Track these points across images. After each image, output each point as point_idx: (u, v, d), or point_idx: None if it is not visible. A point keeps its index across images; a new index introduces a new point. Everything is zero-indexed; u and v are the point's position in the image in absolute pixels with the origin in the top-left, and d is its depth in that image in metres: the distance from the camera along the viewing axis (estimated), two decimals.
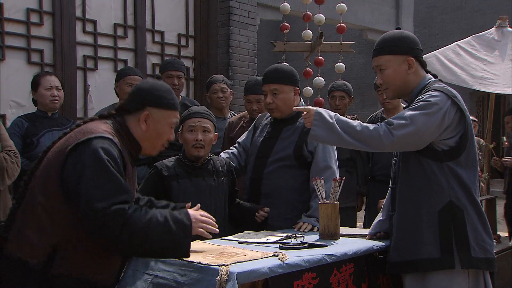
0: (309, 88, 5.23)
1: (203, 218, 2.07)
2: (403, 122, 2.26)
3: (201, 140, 2.76)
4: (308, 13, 5.34)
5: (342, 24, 5.36)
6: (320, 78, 5.15)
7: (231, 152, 3.20)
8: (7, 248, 1.90)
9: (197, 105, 4.21)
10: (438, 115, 2.27)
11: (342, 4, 5.37)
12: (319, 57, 5.15)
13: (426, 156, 2.34)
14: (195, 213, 2.05)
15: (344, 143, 2.33)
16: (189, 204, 2.29)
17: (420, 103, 2.30)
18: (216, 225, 2.12)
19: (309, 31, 5.26)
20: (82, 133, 1.92)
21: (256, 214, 2.85)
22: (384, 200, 2.72)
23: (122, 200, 1.83)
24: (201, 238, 2.55)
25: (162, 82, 2.16)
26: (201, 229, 2.03)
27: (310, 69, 5.33)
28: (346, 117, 4.44)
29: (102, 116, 2.08)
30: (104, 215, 1.78)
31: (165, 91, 2.08)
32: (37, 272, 1.84)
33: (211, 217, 2.13)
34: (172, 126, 2.11)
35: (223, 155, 3.19)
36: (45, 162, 1.94)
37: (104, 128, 1.96)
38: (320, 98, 5.03)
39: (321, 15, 5.26)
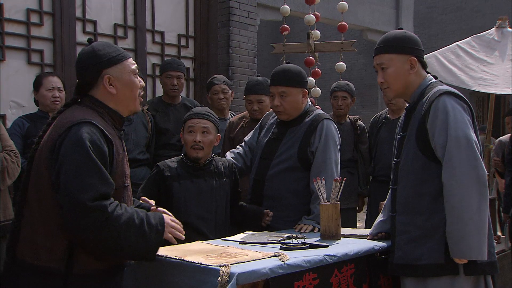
0: (317, 88, 5.23)
1: (173, 223, 2.04)
2: (461, 144, 2.21)
3: (199, 141, 2.75)
4: (317, 13, 5.34)
5: (343, 23, 5.36)
6: (310, 78, 5.16)
7: (237, 152, 3.19)
8: (24, 259, 1.85)
9: (197, 106, 4.22)
10: (468, 117, 2.29)
11: (343, 2, 5.36)
12: (310, 57, 5.15)
13: (433, 160, 2.32)
14: (167, 218, 2.02)
15: (482, 217, 2.19)
16: (155, 207, 2.25)
17: (450, 117, 2.26)
18: (183, 231, 2.09)
19: (317, 31, 5.26)
20: (60, 126, 1.87)
21: (263, 219, 2.85)
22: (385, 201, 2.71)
23: (104, 193, 1.79)
24: (202, 238, 2.56)
25: (98, 42, 2.08)
26: (169, 235, 2.01)
27: (318, 70, 5.33)
28: (348, 118, 4.50)
29: (67, 104, 2.02)
30: (85, 209, 1.73)
31: (106, 47, 2.02)
32: (59, 275, 1.81)
33: (179, 223, 2.10)
34: (135, 73, 2.06)
35: (228, 155, 3.18)
36: (35, 163, 1.91)
37: (80, 113, 1.90)
38: (311, 99, 5.03)
39: (311, 15, 5.26)
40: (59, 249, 1.82)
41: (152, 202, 2.47)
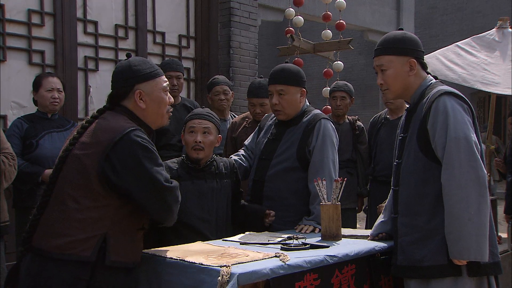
0: (328, 88, 5.23)
1: None
2: (460, 144, 2.21)
3: (200, 141, 2.74)
4: (328, 13, 5.34)
5: (341, 21, 5.36)
6: None
7: (242, 154, 3.19)
8: (50, 250, 1.93)
9: (197, 106, 4.21)
10: (468, 118, 2.29)
11: (341, 0, 5.37)
12: (298, 59, 5.14)
13: (434, 160, 2.31)
14: None
15: (481, 218, 2.19)
16: None
17: (450, 118, 2.25)
18: None
19: (328, 31, 5.26)
20: (109, 131, 1.99)
21: (266, 220, 2.85)
22: (384, 204, 2.71)
23: (169, 177, 2.08)
24: (202, 239, 2.57)
25: (135, 56, 2.22)
26: None
27: (330, 70, 5.32)
28: (347, 118, 4.51)
29: (100, 110, 2.12)
30: (166, 192, 2.03)
31: (142, 63, 2.14)
32: (91, 263, 1.92)
33: None
34: (166, 90, 2.18)
35: (234, 157, 3.17)
36: (73, 164, 1.98)
37: (123, 120, 2.05)
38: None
39: (299, 17, 5.26)
40: (93, 241, 1.93)
41: None
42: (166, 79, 2.19)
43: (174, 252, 2.17)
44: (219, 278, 1.84)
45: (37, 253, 1.95)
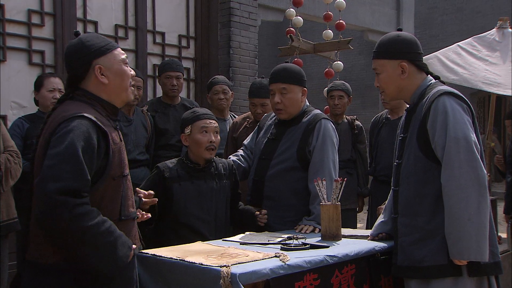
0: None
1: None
2: (460, 144, 2.21)
3: (213, 141, 2.76)
4: (329, 13, 5.35)
5: (341, 21, 5.36)
6: None
7: (240, 155, 3.19)
8: (31, 260, 1.85)
9: (197, 106, 4.21)
10: (468, 118, 2.28)
11: (341, 0, 5.38)
12: (297, 59, 5.15)
13: (434, 161, 2.31)
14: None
15: (481, 218, 2.19)
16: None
17: (450, 118, 2.25)
18: None
19: (329, 31, 5.27)
20: (53, 123, 1.86)
21: (258, 218, 2.83)
22: (384, 205, 2.71)
23: (74, 189, 1.71)
24: (202, 239, 2.57)
25: (84, 34, 2.08)
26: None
27: (332, 70, 5.33)
28: (346, 118, 4.50)
29: (60, 100, 2.00)
30: (50, 201, 1.68)
31: (95, 38, 2.01)
32: (65, 269, 1.79)
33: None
34: (125, 62, 2.05)
35: (233, 157, 3.17)
36: (35, 163, 1.91)
37: (72, 107, 1.88)
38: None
39: (298, 17, 5.26)
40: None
41: (146, 192, 2.39)
42: (122, 51, 2.07)
43: (174, 252, 2.17)
44: (221, 281, 1.84)
45: (26, 261, 1.88)
